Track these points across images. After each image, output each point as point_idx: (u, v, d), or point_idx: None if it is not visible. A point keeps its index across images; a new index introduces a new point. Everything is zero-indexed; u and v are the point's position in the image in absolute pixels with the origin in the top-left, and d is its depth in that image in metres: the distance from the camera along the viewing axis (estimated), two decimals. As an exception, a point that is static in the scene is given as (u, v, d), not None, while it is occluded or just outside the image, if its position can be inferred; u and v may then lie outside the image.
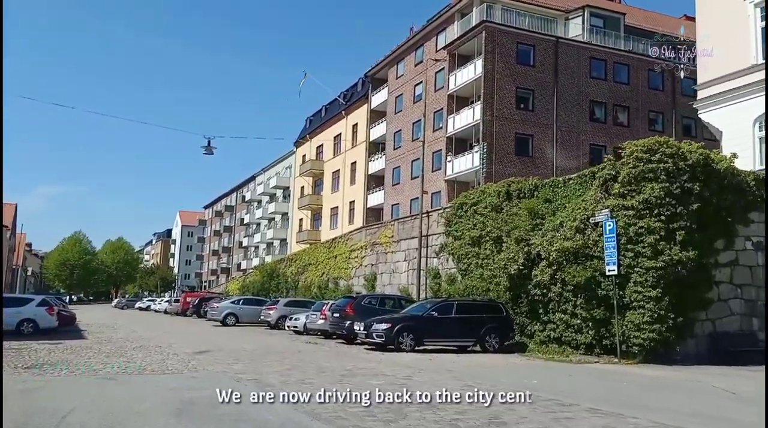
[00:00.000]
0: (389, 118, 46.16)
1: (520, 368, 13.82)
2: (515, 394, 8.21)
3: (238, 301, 33.06)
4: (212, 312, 32.12)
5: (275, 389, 8.78)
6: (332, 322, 20.18)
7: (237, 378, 10.32)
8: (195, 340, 19.54)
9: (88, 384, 9.68)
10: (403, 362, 13.93)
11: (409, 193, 42.11)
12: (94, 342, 18.81)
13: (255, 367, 12.19)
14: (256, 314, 30.68)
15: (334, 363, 13.40)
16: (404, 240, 27.60)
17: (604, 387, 11.14)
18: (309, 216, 59.53)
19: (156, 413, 7.33)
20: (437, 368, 12.85)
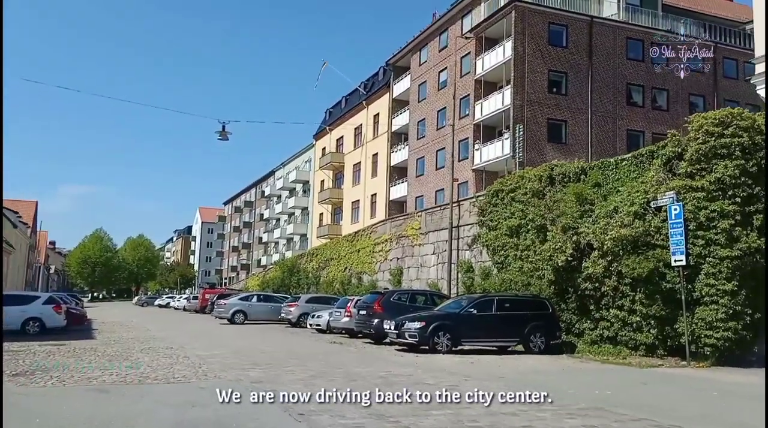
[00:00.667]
0: (412, 107, 44.31)
1: (578, 373, 11.97)
2: (598, 414, 6.38)
3: (248, 298, 31.26)
4: (219, 309, 30.20)
5: (300, 406, 7.09)
6: (358, 320, 18.49)
7: (252, 389, 8.64)
8: (209, 340, 17.98)
9: (74, 398, 8.09)
10: (443, 366, 12.18)
11: (434, 184, 40.28)
12: (101, 342, 17.34)
13: (274, 374, 10.52)
14: (268, 311, 29.23)
15: (364, 368, 11.68)
16: (433, 232, 25.79)
17: (694, 399, 9.27)
18: (329, 211, 57.97)
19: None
20: (485, 374, 11.06)
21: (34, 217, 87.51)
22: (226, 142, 20.85)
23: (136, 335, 20.61)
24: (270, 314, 29.22)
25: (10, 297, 20.25)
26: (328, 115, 63.00)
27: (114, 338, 19.19)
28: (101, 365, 11.81)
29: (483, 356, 14.73)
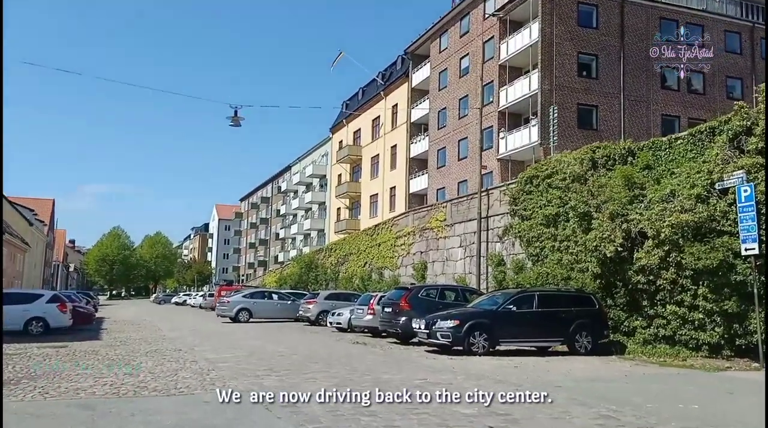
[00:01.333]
0: (432, 96, 42.66)
1: (644, 380, 10.33)
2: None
3: (252, 294, 29.36)
4: (222, 307, 28.48)
5: None
6: (383, 318, 16.97)
7: (266, 403, 7.17)
8: (222, 341, 16.59)
9: (48, 418, 6.67)
10: (483, 371, 10.64)
11: (457, 175, 38.64)
12: (106, 344, 16.03)
13: (292, 383, 9.05)
14: (273, 309, 27.79)
15: (395, 374, 10.17)
16: (459, 223, 24.20)
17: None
18: (347, 205, 56.54)
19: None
20: (537, 382, 9.49)
21: (51, 215, 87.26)
22: (238, 127, 19.38)
23: (145, 335, 19.31)
24: (276, 312, 27.82)
25: (11, 296, 19.06)
26: (344, 108, 61.47)
27: (121, 338, 17.90)
28: (97, 371, 10.44)
29: (524, 358, 13.16)
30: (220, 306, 29.05)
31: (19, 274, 59.02)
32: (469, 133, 37.68)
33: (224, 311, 27.91)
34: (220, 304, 29.53)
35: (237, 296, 29.25)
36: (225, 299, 29.95)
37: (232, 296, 29.91)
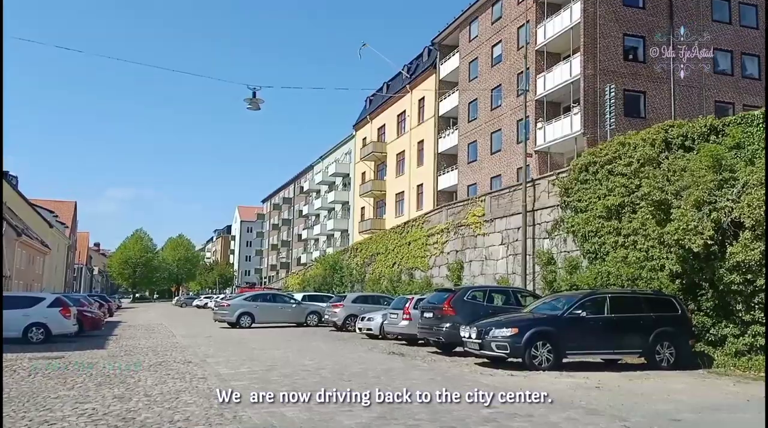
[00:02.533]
0: (462, 87, 40.40)
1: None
2: None
3: (255, 297, 26.88)
4: (221, 311, 25.78)
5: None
6: (423, 325, 14.77)
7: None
8: (239, 352, 14.55)
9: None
10: (561, 395, 8.42)
11: (489, 169, 36.34)
12: (108, 354, 14.12)
13: (325, 412, 6.93)
14: (277, 313, 25.47)
15: (454, 401, 7.95)
16: (500, 218, 21.93)
17: None
18: (372, 204, 54.46)
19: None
20: (645, 414, 7.24)
21: (73, 218, 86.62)
22: (257, 111, 17.35)
23: (156, 343, 17.39)
24: (280, 316, 25.56)
25: (10, 300, 17.29)
26: (368, 103, 59.51)
27: (128, 347, 15.99)
28: (83, 393, 8.47)
29: (598, 374, 10.90)
30: (219, 310, 26.42)
31: (39, 277, 58.03)
32: (503, 125, 35.41)
33: (224, 315, 25.28)
34: (219, 308, 26.94)
35: (238, 299, 26.89)
36: (224, 302, 27.53)
37: (232, 299, 27.50)
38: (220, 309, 26.46)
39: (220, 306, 26.67)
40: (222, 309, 26.08)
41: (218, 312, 26.55)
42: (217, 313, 26.74)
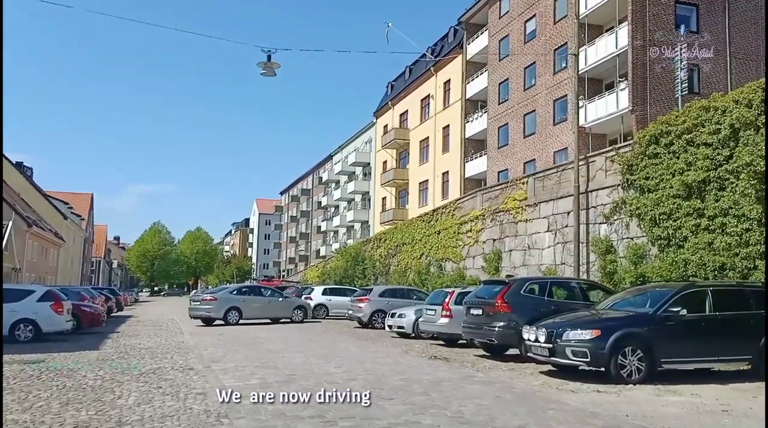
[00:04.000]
0: (491, 68, 37.83)
1: None
2: None
3: (240, 291, 23.80)
4: (204, 306, 21.89)
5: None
6: (469, 323, 12.37)
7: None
8: (251, 355, 12.33)
9: None
10: (686, 423, 6.02)
11: (523, 154, 33.80)
12: (99, 358, 11.99)
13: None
14: (265, 307, 22.82)
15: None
16: (546, 202, 19.47)
17: None
18: (393, 194, 52.13)
19: None
20: None
21: (89, 210, 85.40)
22: (272, 77, 15.05)
23: (159, 342, 15.27)
24: (268, 310, 23.04)
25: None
26: (389, 89, 57.09)
27: (125, 348, 13.88)
28: (36, 418, 6.28)
29: (701, 387, 8.53)
30: (201, 304, 22.10)
31: (53, 270, 56.61)
32: (538, 106, 32.83)
33: (208, 311, 21.57)
34: (199, 302, 22.55)
35: (223, 292, 23.44)
36: (204, 295, 23.56)
37: (217, 292, 23.93)
38: (202, 304, 22.05)
39: (203, 301, 22.35)
40: (205, 303, 21.99)
41: (199, 308, 22.07)
42: (197, 309, 22.16)
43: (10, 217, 39.16)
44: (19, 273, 42.12)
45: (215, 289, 25.40)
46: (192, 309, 22.63)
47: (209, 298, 22.26)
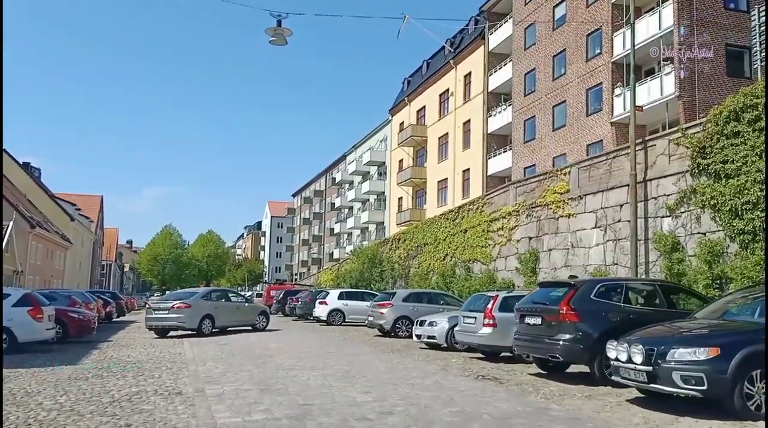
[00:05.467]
0: (516, 57, 35.57)
1: None
2: None
3: (209, 295, 20.10)
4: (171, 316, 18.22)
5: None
6: (524, 335, 10.02)
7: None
8: (256, 372, 10.15)
9: None
10: None
11: (552, 148, 31.48)
12: (69, 377, 9.88)
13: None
14: (235, 313, 20.33)
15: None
16: (593, 194, 17.15)
17: None
18: (410, 194, 49.94)
19: None
20: None
21: (99, 212, 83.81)
22: (283, 46, 12.91)
23: (153, 353, 13.16)
24: (238, 317, 20.53)
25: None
26: (406, 85, 54.93)
27: (111, 361, 11.77)
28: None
29: None
30: (170, 313, 18.27)
31: (59, 273, 54.88)
32: (568, 96, 30.51)
33: (179, 321, 18.07)
34: (165, 311, 18.45)
35: (194, 297, 19.18)
36: (174, 302, 18.75)
37: (187, 297, 19.20)
38: (171, 313, 18.20)
39: (172, 309, 18.28)
40: (174, 312, 18.15)
41: (166, 318, 18.26)
42: (163, 319, 18.31)
43: (11, 217, 37.44)
44: (22, 276, 40.42)
45: (176, 294, 21.41)
46: (153, 320, 18.55)
47: (181, 306, 18.33)
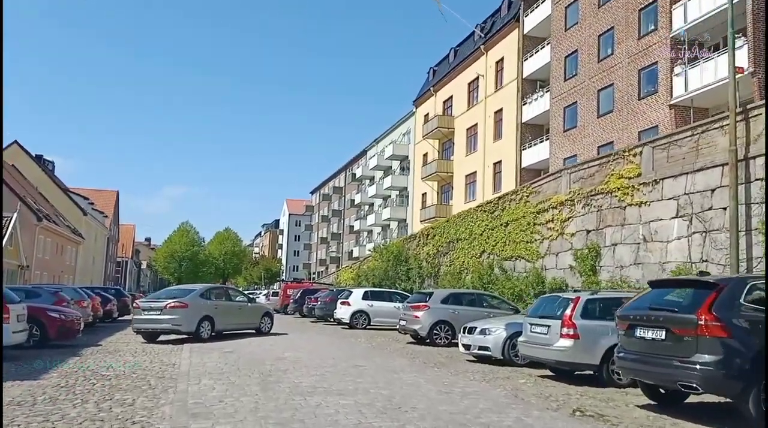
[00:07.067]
0: (555, 39, 32.69)
1: None
2: None
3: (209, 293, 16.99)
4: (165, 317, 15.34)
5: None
6: (636, 352, 7.00)
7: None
8: (268, 401, 7.50)
9: None
10: None
11: (596, 136, 28.59)
12: (13, 403, 7.36)
13: None
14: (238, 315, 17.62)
15: None
16: (672, 178, 14.31)
17: None
18: (435, 189, 47.24)
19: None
20: None
21: (114, 208, 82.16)
22: None
23: (142, 362, 10.64)
24: (238, 319, 17.68)
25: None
26: (431, 75, 52.21)
27: (84, 375, 9.26)
28: None
29: None
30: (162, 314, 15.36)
31: (70, 268, 52.94)
32: (616, 78, 27.59)
33: (174, 322, 15.33)
34: (158, 311, 15.45)
35: (191, 295, 16.05)
36: (167, 301, 15.65)
37: (183, 296, 15.98)
38: (164, 313, 15.35)
39: (165, 309, 15.39)
40: (168, 312, 15.32)
41: (159, 319, 15.41)
42: (156, 321, 15.46)
43: (15, 209, 35.45)
44: (27, 271, 38.45)
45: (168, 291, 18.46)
46: (142, 321, 15.63)
47: (176, 305, 15.42)
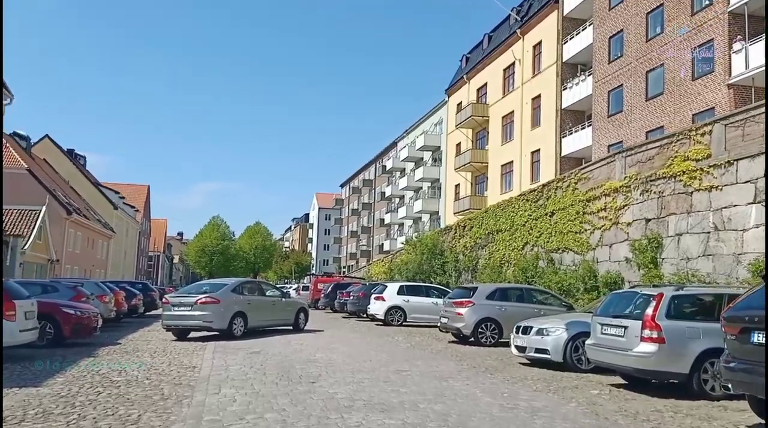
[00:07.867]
0: (599, 19, 30.88)
1: None
2: None
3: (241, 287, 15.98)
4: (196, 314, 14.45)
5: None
6: (747, 361, 5.87)
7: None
8: (298, 417, 6.25)
9: None
10: None
11: (644, 121, 26.82)
12: (16, 405, 6.25)
13: None
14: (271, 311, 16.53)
15: None
16: (749, 158, 12.70)
17: None
18: (469, 179, 45.68)
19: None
20: None
21: (145, 202, 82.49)
22: None
23: (159, 366, 9.57)
24: (273, 315, 16.63)
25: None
26: (464, 62, 50.54)
27: (93, 381, 8.22)
28: None
29: None
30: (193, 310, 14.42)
31: (101, 262, 52.83)
32: (667, 58, 25.71)
33: (205, 319, 14.34)
34: (189, 307, 14.47)
35: (223, 290, 15.07)
36: (198, 296, 14.67)
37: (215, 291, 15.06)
38: (195, 309, 14.37)
39: (196, 305, 14.42)
40: (199, 308, 14.33)
41: (190, 315, 14.42)
42: (186, 317, 14.49)
43: (44, 202, 35.14)
44: (57, 265, 38.22)
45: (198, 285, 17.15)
46: (172, 318, 14.68)
47: (208, 301, 14.45)
